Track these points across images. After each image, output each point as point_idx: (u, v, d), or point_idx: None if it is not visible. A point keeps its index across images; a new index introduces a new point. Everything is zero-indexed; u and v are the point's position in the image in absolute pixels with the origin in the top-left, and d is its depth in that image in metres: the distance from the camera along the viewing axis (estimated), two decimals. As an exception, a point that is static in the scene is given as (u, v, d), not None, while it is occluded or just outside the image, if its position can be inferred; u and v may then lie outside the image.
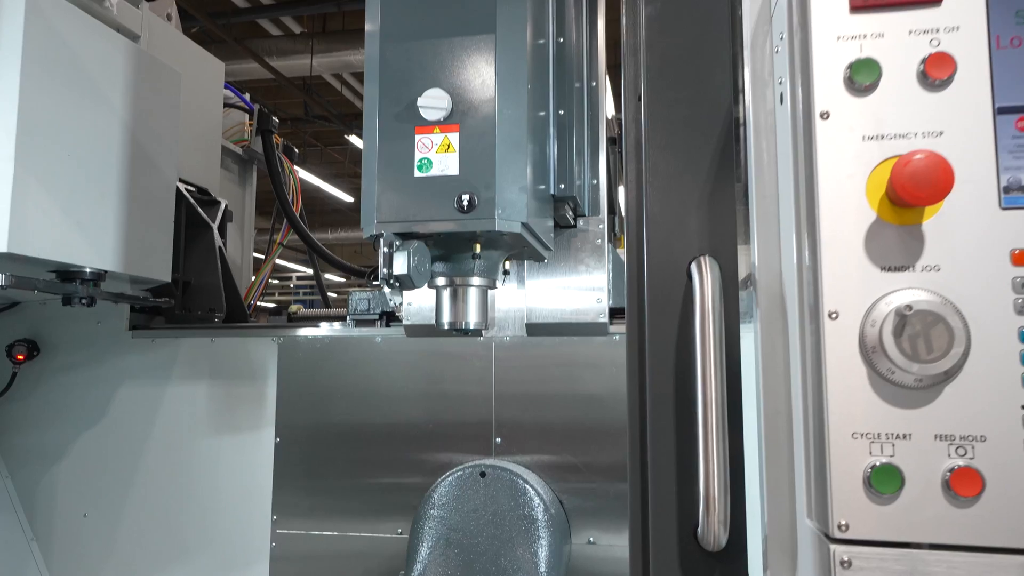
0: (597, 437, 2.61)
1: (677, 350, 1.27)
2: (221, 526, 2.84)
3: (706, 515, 1.15)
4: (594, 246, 2.67)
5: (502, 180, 2.08)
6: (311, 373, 2.85)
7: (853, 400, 0.89)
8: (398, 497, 2.71)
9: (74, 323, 3.04)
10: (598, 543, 2.57)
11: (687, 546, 1.22)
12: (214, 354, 2.94)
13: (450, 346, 2.76)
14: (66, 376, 3.02)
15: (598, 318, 2.61)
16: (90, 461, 2.96)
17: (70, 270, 2.49)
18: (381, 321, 2.85)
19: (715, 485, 1.14)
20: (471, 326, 2.27)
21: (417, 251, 2.07)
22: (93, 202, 2.49)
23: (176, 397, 2.94)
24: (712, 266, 1.21)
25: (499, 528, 2.46)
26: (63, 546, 2.94)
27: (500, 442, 2.68)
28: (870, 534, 0.87)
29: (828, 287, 0.91)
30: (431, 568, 2.44)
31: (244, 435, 2.87)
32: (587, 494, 2.59)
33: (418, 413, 2.75)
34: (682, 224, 1.27)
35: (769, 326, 1.16)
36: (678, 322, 1.27)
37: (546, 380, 2.68)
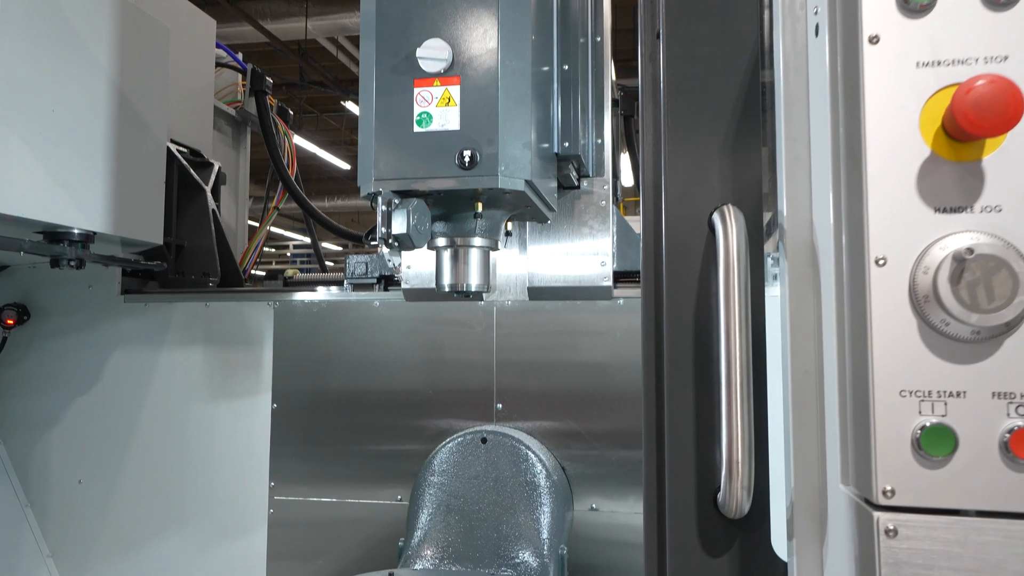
0: (600, 404, 2.53)
1: (697, 307, 1.17)
2: (218, 492, 2.77)
3: (728, 481, 1.06)
4: (598, 208, 2.56)
5: (505, 135, 1.97)
6: (308, 338, 2.75)
7: (901, 355, 0.80)
8: (397, 464, 2.63)
9: (65, 287, 2.93)
10: (600, 510, 2.50)
11: (706, 513, 1.13)
12: (208, 319, 2.84)
13: (450, 311, 2.67)
14: (58, 341, 2.92)
15: (602, 282, 2.51)
16: (84, 427, 2.88)
17: (57, 231, 2.38)
18: (379, 285, 2.75)
19: (739, 449, 1.06)
20: (472, 288, 2.17)
21: (416, 210, 1.96)
22: (79, 161, 2.37)
23: (170, 362, 2.84)
24: (737, 216, 1.11)
25: (500, 495, 2.38)
26: (58, 512, 2.87)
27: (501, 408, 2.60)
28: (918, 501, 0.79)
29: (875, 231, 0.81)
30: (431, 535, 2.37)
31: (240, 401, 2.78)
32: (590, 461, 2.52)
33: (417, 379, 2.66)
34: (703, 171, 1.17)
35: (798, 280, 1.07)
36: (698, 277, 1.18)
37: (548, 345, 2.59)
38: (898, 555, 0.79)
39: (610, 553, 2.46)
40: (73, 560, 2.85)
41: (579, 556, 2.43)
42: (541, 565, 2.26)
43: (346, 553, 2.65)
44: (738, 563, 1.12)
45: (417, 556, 2.33)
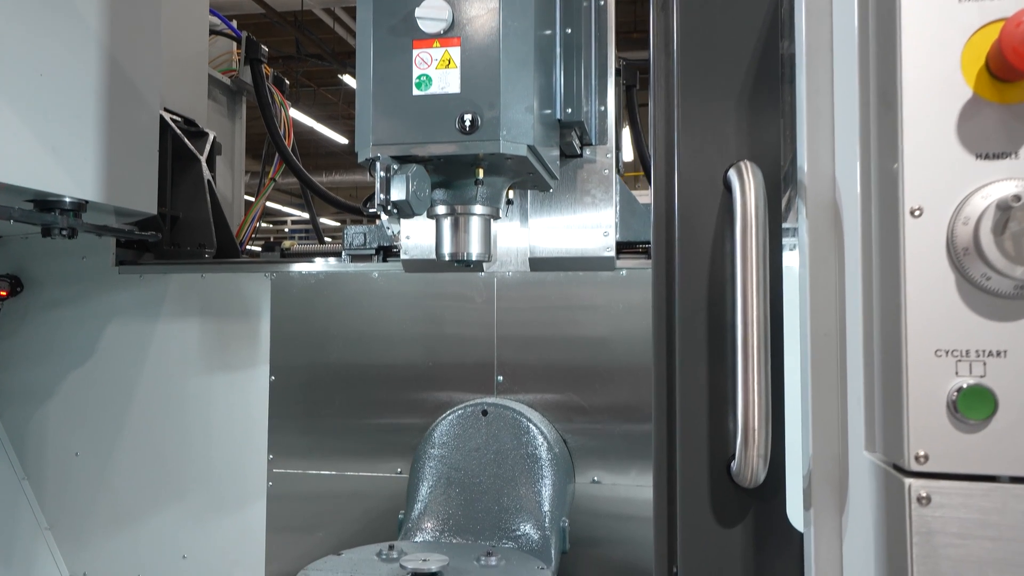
0: (602, 376, 2.48)
1: (711, 269, 1.11)
2: (216, 465, 2.72)
3: (744, 448, 1.01)
4: (601, 177, 2.49)
5: (507, 99, 1.90)
6: (306, 310, 2.69)
7: (937, 312, 0.74)
8: (397, 437, 2.59)
9: (58, 258, 2.86)
10: (602, 482, 2.46)
11: (719, 482, 1.08)
12: (205, 290, 2.78)
13: (450, 282, 2.61)
14: (52, 313, 2.86)
15: (605, 252, 2.45)
16: (80, 399, 2.82)
17: (48, 199, 2.31)
18: (378, 256, 2.69)
19: (755, 415, 1.00)
20: (473, 257, 2.11)
21: (416, 176, 1.90)
22: (69, 127, 2.29)
23: (166, 334, 2.78)
24: (755, 172, 1.05)
25: (501, 467, 2.34)
26: (55, 485, 2.83)
27: (502, 381, 2.54)
28: (953, 466, 0.74)
29: (910, 180, 0.75)
30: (432, 507, 2.33)
31: (237, 373, 2.73)
32: (591, 434, 2.47)
33: (417, 351, 2.61)
34: (718, 126, 1.11)
35: (819, 238, 1.01)
36: (712, 238, 1.12)
37: (550, 317, 2.53)
38: (931, 524, 0.73)
39: (612, 526, 2.43)
40: (71, 532, 2.81)
41: (580, 529, 2.39)
42: (542, 537, 2.22)
43: (346, 526, 2.61)
44: (752, 534, 1.07)
45: (417, 529, 2.29)
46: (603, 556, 2.41)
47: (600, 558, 2.41)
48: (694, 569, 1.06)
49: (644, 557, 2.39)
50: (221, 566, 2.68)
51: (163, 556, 2.73)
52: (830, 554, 0.98)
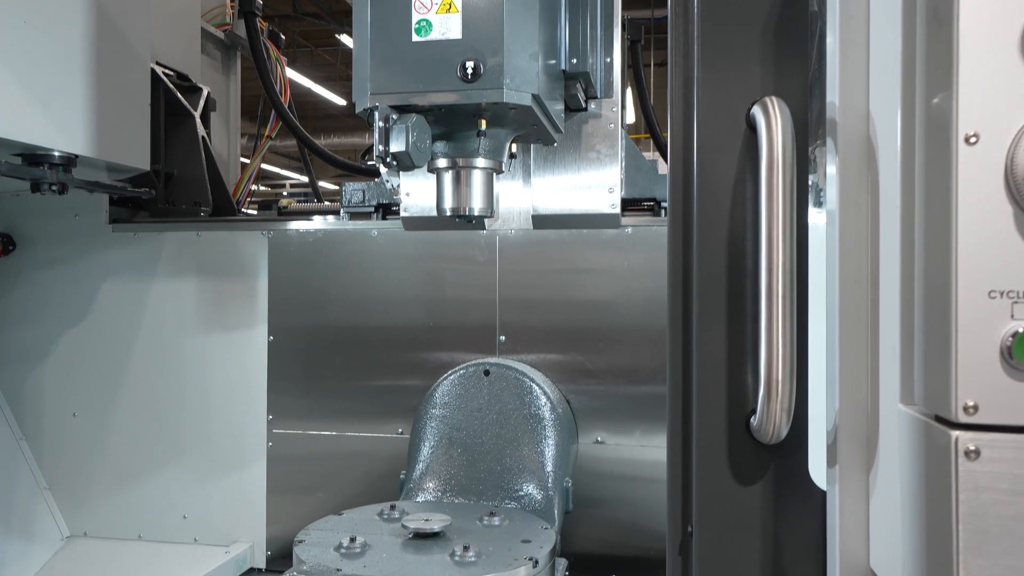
0: (606, 336, 2.41)
1: (732, 214, 1.04)
2: (215, 425, 2.67)
3: (766, 402, 0.94)
4: (606, 131, 2.40)
5: (511, 45, 1.80)
6: (304, 269, 2.62)
7: (992, 250, 0.67)
8: (398, 397, 2.53)
9: (50, 216, 2.78)
10: (606, 443, 2.41)
11: (737, 438, 1.02)
12: (200, 249, 2.70)
13: (451, 240, 2.53)
14: (46, 272, 2.78)
15: (609, 209, 2.37)
16: (76, 360, 2.76)
17: (36, 153, 2.22)
18: (377, 214, 2.60)
19: (779, 367, 0.94)
20: (475, 212, 2.02)
21: (416, 126, 1.81)
22: (57, 78, 2.19)
23: (162, 294, 2.71)
24: (781, 108, 0.97)
25: (504, 427, 2.29)
26: (53, 446, 2.78)
27: (504, 341, 2.48)
28: (1006, 418, 0.67)
29: (966, 103, 0.67)
30: (433, 468, 2.28)
31: (235, 333, 2.66)
32: (595, 395, 2.41)
33: (418, 311, 2.54)
34: (742, 60, 1.02)
35: (850, 177, 0.93)
36: (733, 181, 1.04)
37: (553, 276, 2.46)
38: (979, 479, 0.67)
39: (615, 486, 2.39)
40: (71, 493, 2.77)
41: (583, 489, 2.35)
42: (545, 498, 2.18)
43: (346, 486, 2.57)
44: (771, 491, 1.01)
45: (419, 489, 2.25)
46: (606, 516, 2.38)
47: (603, 518, 2.37)
48: (710, 528, 1.01)
49: (648, 517, 2.36)
50: (222, 526, 2.65)
51: (163, 516, 2.69)
52: (856, 513, 0.92)
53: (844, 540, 0.92)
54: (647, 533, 2.35)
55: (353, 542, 1.77)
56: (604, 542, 2.37)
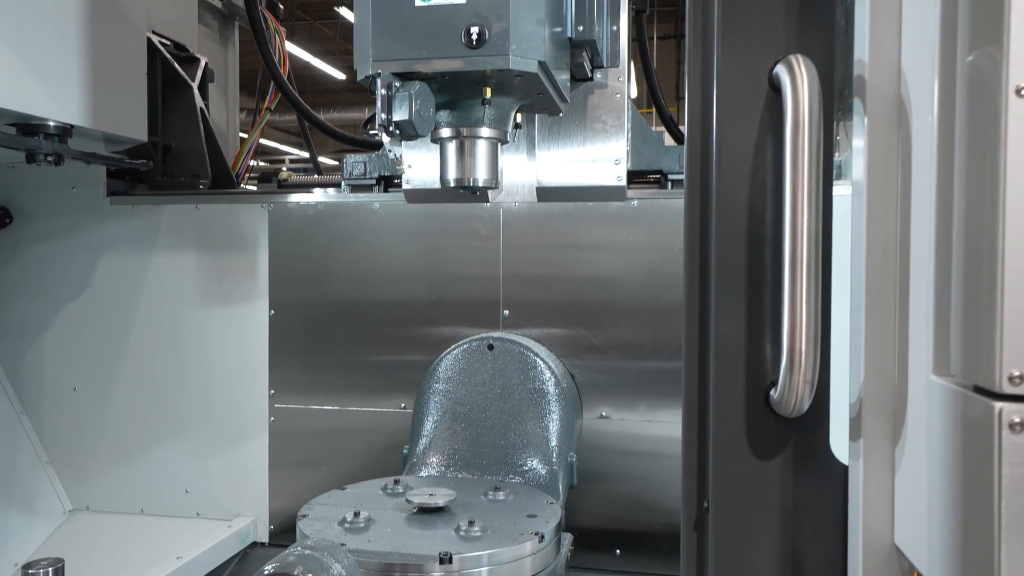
0: (611, 311, 2.37)
1: (752, 179, 0.99)
2: (217, 400, 2.63)
3: (789, 374, 0.90)
4: (612, 102, 2.34)
5: (517, 10, 1.74)
6: (305, 242, 2.57)
7: (1042, 210, 0.63)
8: (401, 372, 2.49)
9: (47, 189, 2.72)
10: (611, 418, 2.38)
11: (756, 412, 0.98)
12: (200, 222, 2.65)
13: (454, 213, 2.48)
14: (43, 245, 2.73)
15: (616, 182, 2.32)
16: (75, 334, 2.72)
17: (31, 123, 2.16)
18: (379, 186, 2.55)
19: (803, 337, 0.89)
20: (479, 183, 1.97)
21: (420, 93, 1.75)
22: (50, 46, 2.13)
23: (161, 267, 2.66)
24: (808, 67, 0.91)
25: (508, 402, 2.25)
26: (54, 420, 2.74)
27: (508, 315, 2.44)
28: (1053, 389, 0.63)
29: (1018, 51, 0.62)
30: (437, 442, 2.25)
31: (236, 307, 2.62)
32: (600, 369, 2.38)
33: (420, 284, 2.49)
34: (765, 15, 0.96)
35: (879, 139, 0.88)
36: (754, 145, 0.99)
37: (558, 249, 2.41)
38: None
39: (619, 461, 2.36)
40: (73, 467, 2.74)
41: (587, 464, 2.32)
42: (550, 472, 2.15)
43: (349, 461, 2.54)
44: (791, 466, 0.98)
45: (422, 464, 2.22)
46: (610, 491, 2.35)
47: (607, 493, 2.35)
48: (728, 503, 0.97)
49: (652, 492, 2.33)
50: (224, 501, 2.63)
51: (165, 490, 2.66)
52: (880, 488, 0.88)
53: (868, 516, 0.88)
54: (651, 508, 2.33)
55: (357, 516, 1.74)
56: (608, 517, 2.35)
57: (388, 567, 1.58)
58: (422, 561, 1.58)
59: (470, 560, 1.60)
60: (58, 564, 1.54)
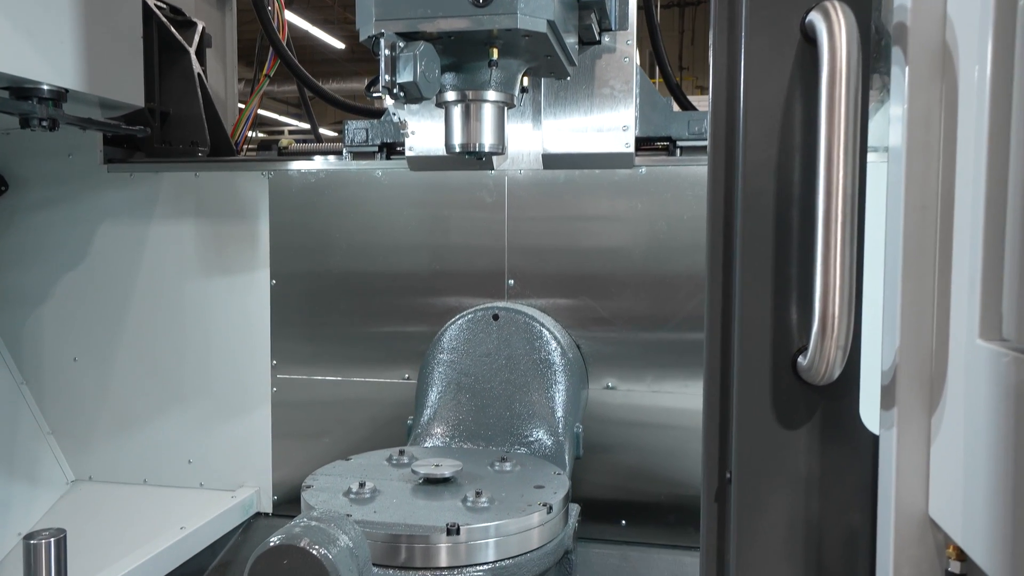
0: (618, 281, 2.32)
1: (782, 135, 0.93)
2: (219, 371, 2.59)
3: (820, 340, 0.85)
4: (620, 66, 2.26)
5: (525, -33, 1.66)
6: (306, 211, 2.51)
7: (1115, 158, 0.57)
8: (404, 342, 2.45)
9: (43, 156, 2.65)
10: (617, 388, 2.34)
11: (783, 379, 0.93)
12: (199, 190, 2.58)
13: (458, 180, 2.41)
14: (40, 214, 2.67)
15: (623, 148, 2.25)
16: (75, 304, 2.66)
17: (24, 86, 2.09)
18: (381, 153, 2.48)
19: (836, 301, 0.84)
20: (485, 148, 1.91)
21: (424, 54, 1.68)
22: (44, 8, 2.05)
23: (160, 236, 2.60)
24: (845, 13, 0.85)
25: (513, 372, 2.21)
26: (54, 390, 2.70)
27: (513, 285, 2.39)
28: (1122, 352, 0.58)
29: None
30: (441, 413, 2.21)
31: (237, 277, 2.56)
32: (606, 340, 2.33)
33: (424, 253, 2.44)
34: (799, -41, 0.90)
35: (921, 90, 0.82)
36: (784, 99, 0.93)
37: (563, 218, 2.35)
38: (1086, 422, 0.59)
39: (625, 432, 2.32)
40: (74, 437, 2.71)
41: (593, 435, 2.29)
42: (556, 443, 2.12)
43: (352, 432, 2.51)
44: (818, 436, 0.93)
45: (427, 435, 2.18)
46: (616, 462, 2.32)
47: (613, 464, 2.32)
48: (752, 474, 0.93)
49: (658, 463, 2.30)
50: (227, 471, 2.59)
51: (168, 461, 2.63)
52: (915, 459, 0.84)
53: (900, 487, 0.84)
54: (657, 479, 2.30)
55: (362, 487, 1.71)
56: (614, 488, 2.32)
57: (394, 538, 1.55)
58: (429, 532, 1.54)
59: (477, 531, 1.57)
60: (60, 534, 1.50)
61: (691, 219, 2.26)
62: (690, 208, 2.26)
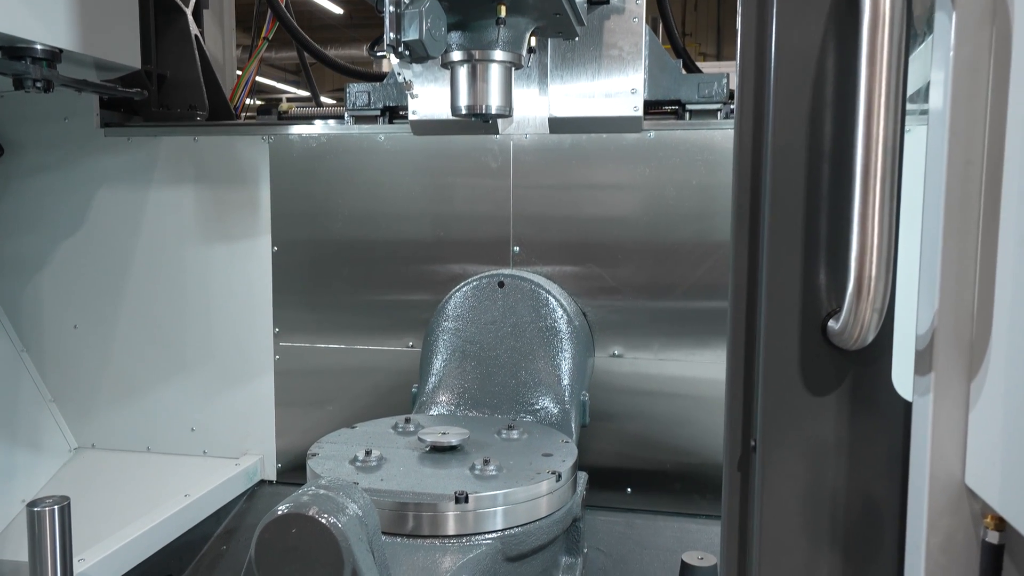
0: (625, 248, 2.26)
1: (815, 85, 0.87)
2: (220, 338, 2.55)
3: (856, 301, 0.81)
4: (629, 27, 2.18)
5: (535, -82, 1.59)
6: (307, 176, 2.44)
7: None
8: (408, 310, 2.40)
9: (38, 120, 2.57)
10: (623, 356, 2.30)
11: (812, 344, 0.89)
12: (198, 155, 2.51)
13: (462, 145, 2.35)
14: (36, 179, 2.60)
15: (632, 112, 2.18)
16: (74, 270, 2.61)
17: (17, 45, 2.01)
18: (383, 117, 2.41)
19: (873, 261, 0.79)
20: (492, 110, 1.84)
21: (431, 11, 1.60)
22: (34, -38, 1.97)
23: (160, 202, 2.54)
24: (887, -49, 0.79)
25: (519, 340, 2.17)
26: (55, 358, 2.66)
27: (518, 252, 2.34)
28: None
29: None
30: (446, 381, 2.18)
31: (238, 244, 2.51)
32: (612, 309, 2.29)
33: (427, 220, 2.38)
34: None
35: (969, 35, 0.76)
36: (819, 45, 0.87)
37: (570, 183, 2.29)
38: None
39: (632, 400, 2.29)
40: (76, 405, 2.67)
41: (599, 403, 2.25)
42: (562, 411, 2.08)
43: (355, 399, 2.47)
44: (847, 402, 0.89)
45: (432, 403, 2.14)
46: (621, 430, 2.29)
47: (618, 432, 2.29)
48: (778, 442, 0.89)
49: (664, 431, 2.27)
50: (230, 439, 2.56)
51: (171, 428, 2.60)
52: (952, 425, 0.80)
53: (936, 455, 0.80)
54: (663, 447, 2.27)
55: (369, 455, 1.67)
56: (619, 456, 2.30)
57: (402, 506, 1.52)
58: (437, 500, 1.51)
59: (486, 499, 1.54)
60: (64, 502, 1.47)
61: (700, 185, 2.20)
62: (699, 174, 2.20)
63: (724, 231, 2.19)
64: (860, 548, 0.88)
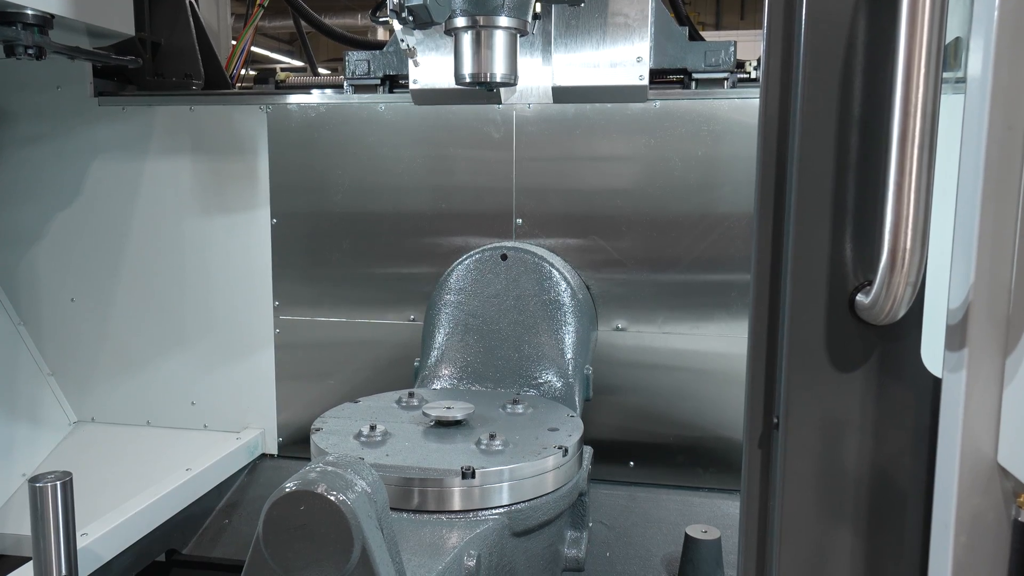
0: (629, 220, 2.22)
1: (848, 46, 0.83)
2: (220, 311, 2.50)
3: (889, 275, 0.77)
4: (636, -7, 2.12)
5: None
6: (306, 147, 2.38)
7: None
8: (410, 283, 2.36)
9: (30, 89, 2.50)
10: (627, 330, 2.27)
11: (838, 318, 0.85)
12: (194, 125, 2.45)
13: (464, 115, 2.29)
14: (29, 149, 2.53)
15: (637, 81, 2.13)
16: (70, 242, 2.55)
17: (7, 11, 1.94)
18: (384, 87, 2.34)
19: (908, 232, 0.76)
20: (497, 78, 1.79)
21: (434, -26, 1.54)
22: (21, -78, 1.89)
23: (156, 173, 2.48)
24: (930, -97, 0.74)
25: (522, 313, 2.13)
26: (53, 331, 2.61)
27: (521, 224, 2.29)
28: None
29: None
30: (449, 355, 2.14)
31: (237, 215, 2.45)
32: (616, 282, 2.25)
33: (428, 190, 2.33)
34: None
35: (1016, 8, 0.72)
36: (851, 12, 0.82)
37: (573, 154, 2.24)
38: None
39: (635, 374, 2.26)
40: (75, 379, 2.63)
41: (602, 377, 2.23)
42: (566, 385, 2.05)
43: (356, 373, 2.44)
44: (875, 379, 0.85)
45: (434, 376, 2.11)
46: (625, 403, 2.27)
47: (621, 405, 2.27)
48: (803, 419, 0.85)
49: (667, 405, 2.25)
50: (232, 413, 2.53)
51: (171, 402, 2.57)
52: (985, 402, 0.77)
53: (967, 433, 0.77)
54: (666, 420, 2.25)
55: (373, 430, 1.64)
56: (622, 429, 2.28)
57: (407, 481, 1.49)
58: (443, 475, 1.48)
59: (492, 475, 1.51)
60: (66, 477, 1.44)
61: (705, 156, 2.15)
62: (704, 144, 2.15)
63: (730, 203, 2.15)
64: (885, 528, 0.85)
